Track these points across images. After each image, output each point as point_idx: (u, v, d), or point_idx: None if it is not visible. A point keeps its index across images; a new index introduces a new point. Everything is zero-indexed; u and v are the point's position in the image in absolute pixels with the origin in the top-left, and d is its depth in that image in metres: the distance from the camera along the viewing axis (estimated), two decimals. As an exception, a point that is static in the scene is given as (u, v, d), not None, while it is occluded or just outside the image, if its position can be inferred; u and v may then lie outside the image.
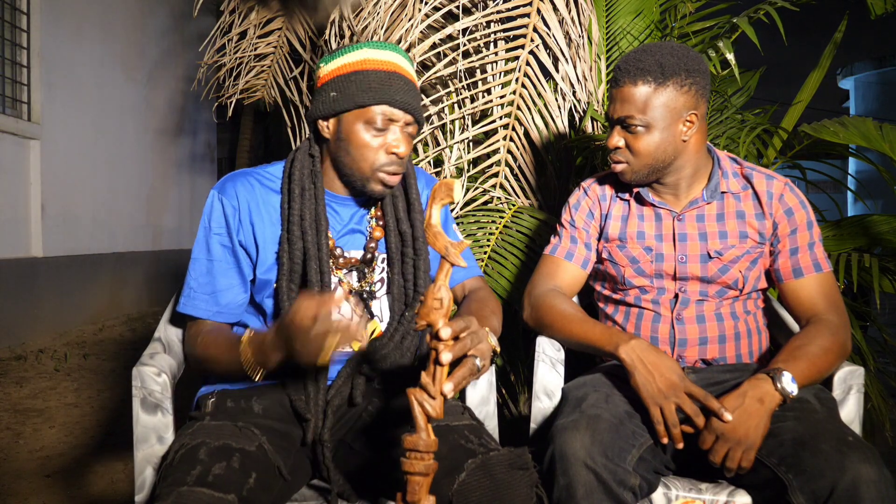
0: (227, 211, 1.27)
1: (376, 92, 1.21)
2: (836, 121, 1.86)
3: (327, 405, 1.22)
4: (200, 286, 1.27)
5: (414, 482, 0.93)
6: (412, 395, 0.95)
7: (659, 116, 1.33)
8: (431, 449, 0.93)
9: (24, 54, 4.36)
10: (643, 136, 1.35)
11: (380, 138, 1.23)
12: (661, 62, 1.32)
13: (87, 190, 4.98)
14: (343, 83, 1.22)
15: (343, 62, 1.24)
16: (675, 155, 1.37)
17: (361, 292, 1.31)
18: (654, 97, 1.32)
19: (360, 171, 1.25)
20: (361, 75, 1.22)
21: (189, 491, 0.98)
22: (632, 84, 1.33)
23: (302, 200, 1.26)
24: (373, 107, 1.21)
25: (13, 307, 4.09)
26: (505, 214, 2.11)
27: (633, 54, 1.36)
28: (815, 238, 1.39)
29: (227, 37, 3.10)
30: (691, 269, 1.40)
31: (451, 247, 0.92)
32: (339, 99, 1.22)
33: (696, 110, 1.35)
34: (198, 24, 6.05)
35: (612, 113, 1.38)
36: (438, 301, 0.93)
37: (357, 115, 1.22)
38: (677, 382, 1.21)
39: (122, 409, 2.95)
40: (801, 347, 1.26)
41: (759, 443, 1.15)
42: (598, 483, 1.12)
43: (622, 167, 1.40)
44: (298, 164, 1.29)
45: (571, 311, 1.41)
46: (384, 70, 1.23)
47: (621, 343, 1.27)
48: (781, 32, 2.10)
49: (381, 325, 1.32)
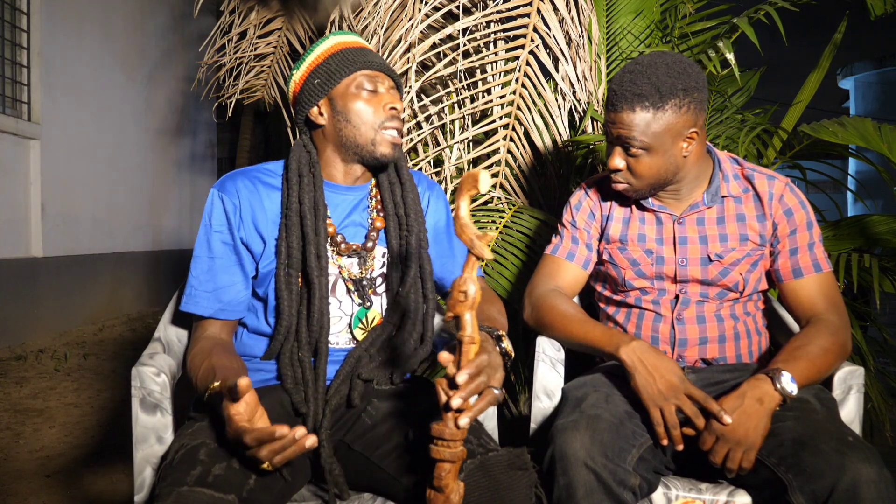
0: (227, 208, 1.27)
1: (354, 62, 1.30)
2: (835, 121, 1.86)
3: (326, 404, 1.22)
4: (202, 284, 1.27)
5: (441, 468, 0.95)
6: (439, 384, 0.97)
7: (659, 140, 1.31)
8: (456, 437, 0.95)
9: (24, 54, 4.36)
10: (644, 159, 1.33)
11: (373, 99, 1.29)
12: (657, 85, 1.28)
13: (87, 190, 4.98)
14: (322, 68, 1.31)
15: (315, 55, 1.33)
16: (677, 171, 1.36)
17: (361, 279, 1.32)
18: (654, 122, 1.30)
19: (365, 135, 1.29)
20: (338, 55, 1.31)
21: (189, 491, 0.98)
22: (629, 110, 1.30)
23: (300, 187, 1.28)
24: (356, 73, 1.30)
25: (13, 307, 4.09)
26: (505, 214, 2.11)
27: (628, 76, 1.31)
28: (814, 238, 1.39)
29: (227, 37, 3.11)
30: (692, 271, 1.40)
31: (477, 239, 0.91)
32: (323, 81, 1.30)
33: (695, 127, 1.33)
34: (198, 25, 6.05)
35: (610, 132, 1.36)
36: (463, 294, 0.93)
37: (345, 86, 1.29)
38: (677, 384, 1.21)
39: (122, 409, 2.95)
40: (801, 348, 1.26)
41: (759, 443, 1.15)
42: (598, 483, 1.12)
43: (623, 186, 1.39)
44: (296, 157, 1.32)
45: (572, 311, 1.41)
46: (355, 47, 1.34)
47: (622, 344, 1.27)
48: (782, 32, 2.10)
49: (381, 313, 1.34)
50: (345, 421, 1.26)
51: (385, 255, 1.35)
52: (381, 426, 1.22)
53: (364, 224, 1.35)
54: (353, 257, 1.32)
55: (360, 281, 1.32)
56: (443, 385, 0.97)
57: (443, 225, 1.44)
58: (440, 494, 0.95)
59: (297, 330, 1.25)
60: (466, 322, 0.95)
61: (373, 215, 1.36)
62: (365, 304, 1.32)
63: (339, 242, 1.30)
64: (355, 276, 1.32)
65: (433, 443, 0.96)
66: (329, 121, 1.31)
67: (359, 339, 1.31)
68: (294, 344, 1.25)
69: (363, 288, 1.32)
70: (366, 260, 1.33)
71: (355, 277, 1.32)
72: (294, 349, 1.25)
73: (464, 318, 0.95)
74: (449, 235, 1.45)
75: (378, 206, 1.37)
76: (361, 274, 1.32)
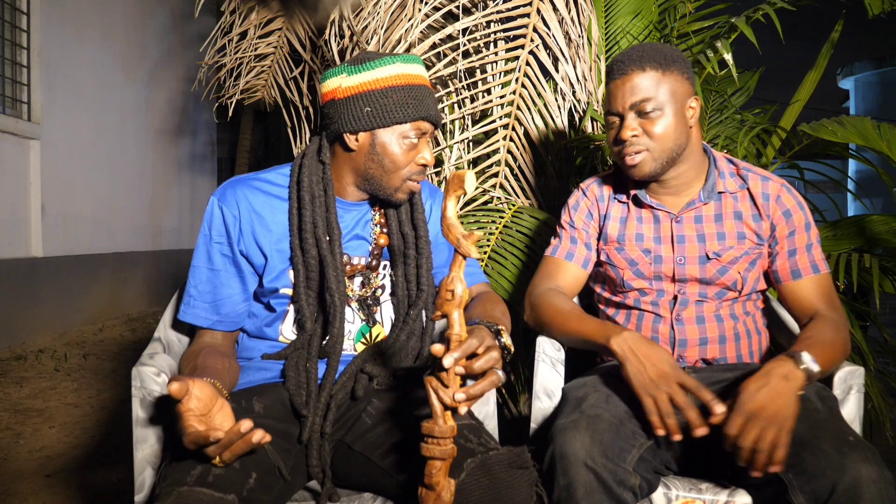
0: (227, 220, 1.26)
1: (415, 108, 1.23)
2: (834, 120, 1.86)
3: (331, 399, 1.23)
4: (200, 294, 1.27)
5: (431, 466, 0.95)
6: (428, 382, 0.97)
7: (670, 100, 1.35)
8: (446, 435, 0.95)
9: (24, 54, 4.36)
10: (659, 119, 1.35)
11: (412, 151, 1.26)
12: (662, 51, 1.36)
13: (87, 190, 4.98)
14: (378, 98, 1.22)
15: (375, 76, 1.23)
16: (686, 142, 1.38)
17: (365, 298, 1.32)
18: (663, 81, 1.34)
19: (391, 183, 1.27)
20: (399, 91, 1.22)
21: (189, 491, 0.98)
22: (639, 70, 1.34)
23: (313, 207, 1.26)
24: (409, 122, 1.24)
25: (13, 307, 4.09)
26: (505, 214, 2.11)
27: (630, 49, 1.39)
28: (812, 240, 1.39)
29: (227, 37, 3.11)
30: (690, 270, 1.40)
31: (463, 238, 0.92)
32: (374, 114, 1.22)
33: (693, 98, 1.38)
34: (198, 25, 6.04)
35: (621, 104, 1.36)
36: (450, 293, 0.94)
37: (393, 131, 1.24)
38: (669, 372, 1.19)
39: (122, 409, 2.95)
40: (812, 337, 1.25)
41: (791, 423, 1.09)
42: (598, 483, 1.12)
43: (642, 156, 1.36)
44: (307, 171, 1.28)
45: (568, 307, 1.41)
46: (417, 85, 1.25)
47: (613, 335, 1.26)
48: (780, 32, 2.10)
49: (384, 330, 1.34)
50: (345, 421, 1.27)
51: (387, 268, 1.36)
52: (381, 426, 1.22)
53: (367, 238, 1.34)
54: (357, 277, 1.32)
55: (365, 300, 1.32)
56: (432, 383, 0.97)
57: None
58: (431, 492, 0.96)
59: (310, 343, 1.26)
60: (454, 320, 0.96)
61: (376, 231, 1.35)
62: (368, 322, 1.32)
63: (345, 264, 1.30)
64: (359, 294, 1.32)
65: (423, 440, 0.96)
66: (362, 153, 1.26)
67: (356, 353, 1.32)
68: (304, 353, 1.25)
69: (368, 307, 1.32)
70: (370, 279, 1.33)
71: (359, 296, 1.32)
72: (303, 357, 1.25)
73: (451, 316, 0.95)
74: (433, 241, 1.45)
75: (381, 221, 1.36)
76: (365, 293, 1.32)
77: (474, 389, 0.97)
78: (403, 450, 1.17)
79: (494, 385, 1.01)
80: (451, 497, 0.96)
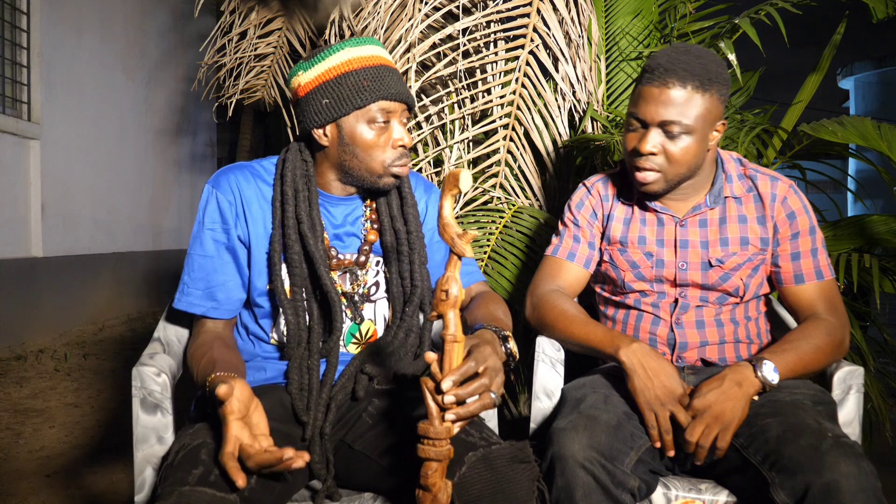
0: (222, 206, 1.26)
1: (371, 90, 1.20)
2: (834, 120, 1.86)
3: (331, 400, 1.22)
4: (194, 282, 1.27)
5: (427, 467, 0.95)
6: (424, 384, 0.97)
7: (699, 124, 1.28)
8: (441, 436, 0.95)
9: (24, 54, 4.36)
10: (683, 142, 1.29)
11: (384, 134, 1.23)
12: (707, 67, 1.27)
13: (87, 190, 4.98)
14: (334, 87, 1.21)
15: (327, 66, 1.22)
16: (701, 163, 1.34)
17: (353, 295, 1.31)
18: (699, 103, 1.27)
19: (372, 171, 1.24)
20: (352, 76, 1.21)
21: (191, 491, 0.98)
22: (680, 86, 1.26)
23: (296, 202, 1.25)
24: (371, 105, 1.21)
25: (13, 307, 4.09)
26: (505, 214, 2.11)
27: (675, 53, 1.28)
28: (817, 244, 1.38)
29: (227, 37, 3.11)
30: (692, 276, 1.39)
31: (458, 237, 0.92)
32: (333, 105, 1.21)
33: (722, 120, 1.33)
34: (198, 25, 6.04)
35: (650, 115, 1.29)
36: (445, 293, 0.94)
37: (357, 117, 1.22)
38: (675, 391, 1.21)
39: (122, 409, 2.95)
40: (793, 342, 1.28)
41: (735, 424, 1.17)
42: (595, 485, 1.12)
43: (654, 177, 1.32)
44: (290, 166, 1.27)
45: (573, 311, 1.40)
46: (372, 65, 1.22)
47: (622, 346, 1.26)
48: (783, 31, 2.10)
49: (375, 327, 1.33)
50: (346, 421, 1.27)
51: (379, 265, 1.34)
52: (382, 426, 1.22)
53: (357, 234, 1.33)
54: (345, 272, 1.31)
55: (352, 297, 1.30)
56: (427, 384, 0.97)
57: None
58: (428, 493, 0.95)
59: (310, 341, 1.24)
60: (450, 321, 0.95)
61: (366, 226, 1.33)
62: (356, 321, 1.31)
63: (331, 257, 1.28)
64: (347, 291, 1.30)
65: (419, 442, 0.96)
66: (333, 146, 1.25)
67: (353, 353, 1.31)
68: (305, 352, 1.25)
69: (355, 304, 1.31)
70: (357, 276, 1.31)
71: (347, 292, 1.30)
72: (304, 356, 1.25)
73: (447, 316, 0.95)
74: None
75: (372, 217, 1.34)
76: (353, 290, 1.31)
77: (464, 410, 0.97)
78: (403, 450, 1.17)
79: (486, 408, 1.00)
80: (447, 498, 0.96)
